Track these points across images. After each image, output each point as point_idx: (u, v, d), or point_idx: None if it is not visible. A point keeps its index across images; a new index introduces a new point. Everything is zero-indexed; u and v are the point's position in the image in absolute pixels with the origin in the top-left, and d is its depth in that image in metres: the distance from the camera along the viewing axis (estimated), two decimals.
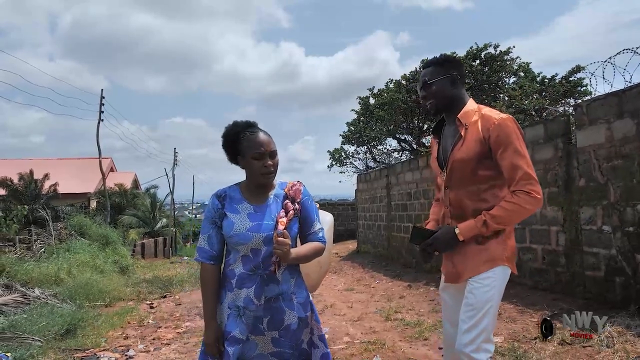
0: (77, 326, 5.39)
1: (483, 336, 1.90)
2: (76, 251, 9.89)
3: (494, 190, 2.02)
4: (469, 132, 2.03)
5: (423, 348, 4.22)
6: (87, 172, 22.87)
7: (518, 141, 1.95)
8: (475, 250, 2.00)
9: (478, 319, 1.91)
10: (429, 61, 2.18)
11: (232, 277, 1.91)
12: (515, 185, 1.93)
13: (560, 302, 4.99)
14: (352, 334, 4.86)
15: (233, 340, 1.86)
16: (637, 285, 4.39)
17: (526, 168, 1.93)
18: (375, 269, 9.91)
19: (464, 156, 2.02)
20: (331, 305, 6.49)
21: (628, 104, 4.54)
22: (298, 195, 1.98)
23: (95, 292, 7.40)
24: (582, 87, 13.95)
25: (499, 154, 1.95)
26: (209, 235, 1.96)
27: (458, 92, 2.11)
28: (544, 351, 3.61)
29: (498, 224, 1.95)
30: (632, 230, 4.47)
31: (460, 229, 1.99)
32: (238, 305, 1.89)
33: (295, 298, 1.95)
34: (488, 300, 1.93)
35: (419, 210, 9.48)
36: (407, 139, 17.35)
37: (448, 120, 2.19)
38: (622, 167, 4.58)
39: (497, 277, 1.97)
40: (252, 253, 1.89)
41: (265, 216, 1.92)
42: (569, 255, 5.33)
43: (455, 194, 2.08)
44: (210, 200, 2.01)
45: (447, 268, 2.14)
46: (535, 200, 1.92)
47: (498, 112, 2.03)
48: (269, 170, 1.91)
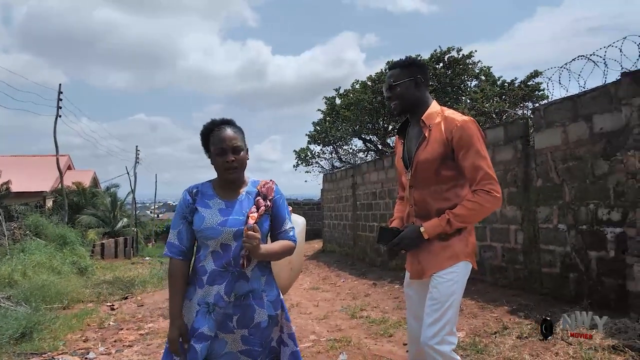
0: (33, 329, 5.17)
1: (447, 329, 1.97)
2: (31, 252, 9.51)
3: (455, 190, 2.12)
4: (432, 133, 2.10)
5: (388, 344, 4.29)
6: (43, 171, 21.98)
7: (479, 143, 2.04)
8: (439, 247, 2.08)
9: (442, 312, 1.98)
10: (394, 63, 2.23)
11: (203, 273, 1.90)
12: (477, 185, 2.02)
13: (519, 297, 5.18)
14: (318, 332, 4.89)
15: (201, 336, 1.85)
16: (590, 280, 4.61)
17: (487, 169, 2.02)
18: (341, 268, 9.98)
19: (428, 157, 2.09)
20: (297, 304, 6.50)
21: (582, 108, 4.76)
22: (270, 192, 2.00)
23: (52, 294, 7.14)
24: (540, 92, 14.49)
25: (461, 155, 2.04)
26: (179, 231, 1.97)
27: (422, 95, 2.18)
28: (504, 345, 3.74)
29: (461, 222, 2.04)
30: (585, 229, 4.69)
31: (425, 227, 2.06)
32: (208, 302, 1.88)
33: (265, 296, 1.95)
34: (451, 294, 2.01)
35: (384, 209, 9.62)
36: (372, 140, 17.54)
37: (412, 121, 2.26)
38: (577, 168, 4.80)
39: (460, 272, 2.06)
40: (222, 249, 1.89)
41: (236, 211, 1.93)
42: (527, 252, 5.54)
43: (420, 194, 2.15)
44: (182, 195, 2.02)
45: (412, 265, 2.20)
46: (495, 199, 2.02)
47: (460, 115, 2.11)
48: (231, 166, 1.91)
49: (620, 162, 4.26)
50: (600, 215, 4.51)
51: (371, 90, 15.78)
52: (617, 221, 4.32)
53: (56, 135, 17.54)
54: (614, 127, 4.36)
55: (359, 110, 15.87)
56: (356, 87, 16.88)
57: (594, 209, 4.57)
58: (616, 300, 4.27)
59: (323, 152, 18.86)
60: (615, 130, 4.33)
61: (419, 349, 2.16)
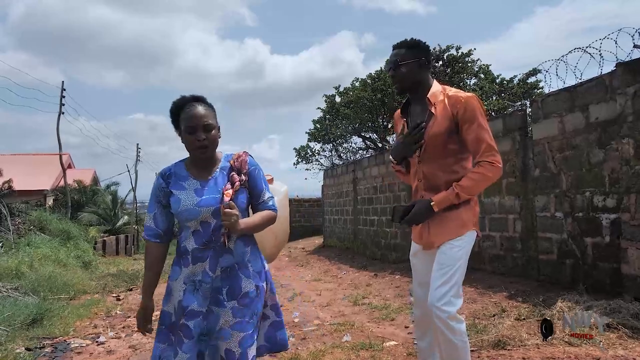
0: (43, 316, 5.31)
1: (453, 291, 2.09)
2: (37, 245, 9.62)
3: (462, 163, 2.25)
4: (437, 110, 2.22)
5: (390, 327, 4.43)
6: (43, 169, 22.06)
7: (482, 117, 2.17)
8: (449, 218, 2.19)
9: (449, 276, 2.10)
10: (400, 43, 2.31)
11: (187, 253, 1.90)
12: (480, 157, 2.15)
13: (517, 284, 5.32)
14: (322, 317, 5.03)
15: (192, 313, 1.85)
16: (585, 266, 4.75)
17: (489, 140, 2.16)
18: (342, 261, 10.11)
19: (436, 131, 2.20)
20: (300, 293, 6.63)
21: (578, 99, 4.90)
22: (244, 166, 1.97)
23: (59, 285, 7.26)
24: (538, 90, 14.64)
25: (465, 128, 2.16)
26: (154, 214, 1.97)
27: (424, 76, 2.28)
28: (502, 325, 3.86)
29: (468, 193, 2.15)
30: (581, 216, 4.83)
31: (435, 201, 2.16)
32: (194, 280, 1.88)
33: (250, 266, 1.95)
34: (458, 259, 2.14)
35: (384, 203, 9.75)
36: (372, 137, 17.67)
37: (413, 100, 2.37)
38: (573, 157, 4.94)
39: (467, 240, 2.19)
40: (202, 227, 1.89)
41: (212, 190, 1.91)
42: (525, 240, 5.68)
43: (429, 168, 2.26)
44: (156, 179, 2.01)
45: (422, 236, 2.31)
46: (496, 169, 2.14)
47: (462, 92, 2.25)
48: (202, 144, 1.87)
49: (615, 150, 4.40)
50: (595, 202, 4.65)
51: (371, 88, 15.91)
52: (612, 207, 4.46)
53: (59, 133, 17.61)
54: (609, 117, 4.50)
55: (359, 108, 16.01)
56: (356, 85, 17.02)
57: (590, 196, 4.71)
58: (611, 284, 4.41)
59: (323, 149, 19.02)
60: (610, 120, 4.47)
61: (423, 312, 2.30)
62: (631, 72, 4.16)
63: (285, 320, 2.19)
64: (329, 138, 18.00)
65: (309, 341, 4.05)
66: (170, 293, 1.94)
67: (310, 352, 3.65)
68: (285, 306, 5.67)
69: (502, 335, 3.56)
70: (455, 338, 2.07)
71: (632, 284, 4.07)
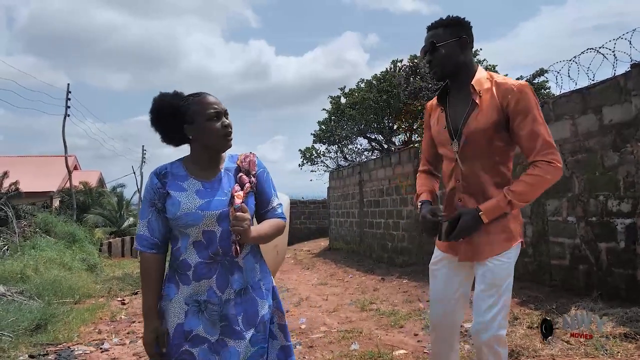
0: (47, 322, 5.26)
1: (503, 312, 1.86)
2: (42, 249, 9.60)
3: (508, 164, 1.96)
4: (483, 100, 1.90)
5: (399, 335, 4.33)
6: (49, 171, 22.16)
7: (537, 109, 1.87)
8: (497, 229, 1.90)
9: (498, 296, 1.85)
10: (436, 22, 1.99)
11: (187, 268, 1.63)
12: (536, 155, 1.84)
13: (529, 290, 5.21)
14: (329, 323, 4.94)
15: (197, 339, 1.61)
16: (600, 272, 4.64)
17: (547, 136, 1.85)
18: (348, 264, 10.02)
19: (481, 125, 1.89)
20: (306, 298, 6.55)
21: (591, 100, 4.79)
22: (253, 167, 1.75)
23: (64, 289, 7.21)
24: (545, 90, 14.49)
25: (517, 122, 1.85)
26: (148, 220, 1.69)
27: (467, 58, 1.97)
28: (515, 334, 3.76)
29: (523, 200, 1.86)
30: (595, 220, 4.71)
31: (484, 210, 1.86)
32: (198, 300, 1.63)
33: (263, 285, 1.73)
34: (507, 277, 1.89)
35: (391, 206, 9.65)
36: (377, 139, 17.59)
37: (453, 87, 2.03)
38: (586, 160, 4.83)
39: (515, 253, 1.93)
40: (205, 237, 1.63)
41: (216, 192, 1.66)
42: (536, 245, 5.57)
43: (470, 167, 1.95)
44: (148, 178, 1.73)
45: (461, 247, 1.99)
46: (556, 169, 1.84)
47: (513, 79, 1.94)
48: (230, 131, 1.67)
49: (630, 153, 4.29)
50: (610, 206, 4.53)
51: (376, 89, 15.83)
52: (627, 212, 4.34)
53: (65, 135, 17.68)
54: (623, 119, 4.39)
55: (364, 110, 15.92)
56: (361, 86, 16.95)
57: (604, 200, 4.60)
58: (626, 290, 4.30)
59: (328, 151, 18.96)
60: (625, 122, 4.36)
61: (440, 335, 2.07)
62: None
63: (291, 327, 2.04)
64: (334, 139, 17.93)
65: (317, 349, 3.96)
66: (163, 317, 1.67)
67: None
68: (292, 311, 5.59)
69: (515, 345, 3.46)
70: None
71: None
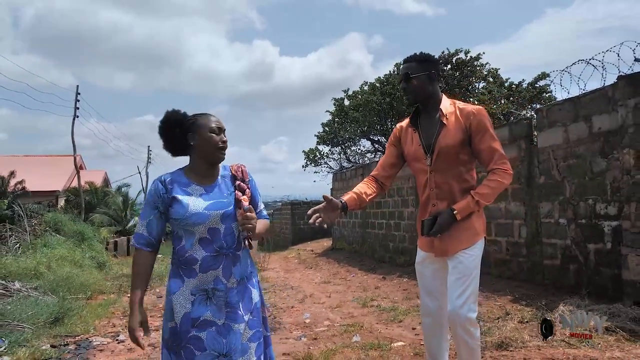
0: (64, 315, 5.54)
1: (472, 298, 2.25)
2: (53, 247, 9.89)
3: (471, 172, 2.40)
4: (450, 122, 2.34)
5: (398, 329, 4.60)
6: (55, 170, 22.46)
7: (492, 128, 2.34)
8: (463, 227, 2.31)
9: (467, 284, 2.24)
10: (411, 57, 2.43)
11: (194, 262, 1.86)
12: (494, 164, 2.29)
13: (522, 288, 5.47)
14: (332, 318, 5.21)
15: (204, 324, 1.82)
16: (588, 271, 4.90)
17: (500, 149, 2.32)
18: (351, 264, 10.28)
19: (450, 142, 2.31)
20: (310, 295, 6.83)
21: (582, 109, 5.05)
22: (246, 176, 2.05)
23: (76, 285, 7.49)
24: (547, 93, 14.70)
25: (478, 139, 2.31)
26: (148, 221, 1.93)
27: (434, 88, 2.41)
28: (505, 327, 4.03)
29: (486, 200, 2.28)
30: (584, 223, 4.97)
31: (458, 210, 2.26)
32: (205, 288, 1.86)
33: (253, 277, 2.02)
34: (474, 267, 2.28)
35: (393, 207, 9.92)
36: (380, 141, 17.83)
37: (424, 111, 2.46)
38: (577, 165, 5.08)
39: (480, 247, 2.33)
40: (209, 234, 1.88)
41: (217, 195, 1.95)
42: (530, 246, 5.83)
43: (442, 177, 2.36)
44: (152, 185, 1.96)
45: (433, 244, 2.41)
46: (509, 175, 2.29)
47: (470, 104, 2.42)
48: (225, 146, 1.97)
49: (616, 159, 4.55)
50: (598, 209, 4.79)
51: (380, 91, 16.07)
52: (613, 215, 4.60)
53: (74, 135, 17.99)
54: (611, 127, 4.65)
55: (368, 112, 16.18)
56: (365, 88, 17.20)
57: (593, 203, 4.85)
58: (612, 289, 4.56)
59: (332, 152, 19.24)
60: (612, 130, 4.62)
61: (432, 320, 2.45)
62: (632, 84, 4.31)
63: (296, 321, 2.33)
64: (337, 141, 18.19)
65: (320, 341, 4.24)
66: (171, 309, 1.87)
67: (321, 351, 3.83)
68: (296, 307, 5.87)
69: (505, 337, 3.72)
70: (474, 343, 2.26)
71: (631, 289, 4.21)
